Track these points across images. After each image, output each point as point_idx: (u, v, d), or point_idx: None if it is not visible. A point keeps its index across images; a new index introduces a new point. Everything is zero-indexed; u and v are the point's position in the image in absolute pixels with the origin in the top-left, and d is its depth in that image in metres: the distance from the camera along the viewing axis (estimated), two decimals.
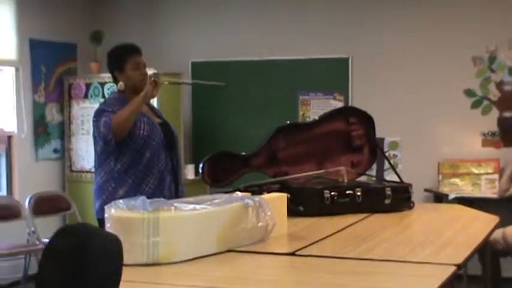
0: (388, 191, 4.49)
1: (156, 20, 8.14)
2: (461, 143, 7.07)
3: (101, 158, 4.26)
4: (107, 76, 7.35)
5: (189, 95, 7.86)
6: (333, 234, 3.73)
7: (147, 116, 4.28)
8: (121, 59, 4.28)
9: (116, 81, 4.35)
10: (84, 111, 7.56)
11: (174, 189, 4.36)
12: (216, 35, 7.88)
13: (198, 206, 3.11)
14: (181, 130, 7.29)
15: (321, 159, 4.87)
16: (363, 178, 5.09)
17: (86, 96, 7.63)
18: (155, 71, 4.36)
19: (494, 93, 6.97)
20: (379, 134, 5.11)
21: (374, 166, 5.85)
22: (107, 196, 4.17)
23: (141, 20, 8.18)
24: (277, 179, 4.62)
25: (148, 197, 3.16)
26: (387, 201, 4.47)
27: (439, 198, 6.81)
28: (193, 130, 7.96)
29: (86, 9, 8.16)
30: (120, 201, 3.06)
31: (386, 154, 6.94)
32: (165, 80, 4.49)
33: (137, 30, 7.95)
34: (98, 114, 4.23)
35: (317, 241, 3.52)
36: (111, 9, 8.27)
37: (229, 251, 3.20)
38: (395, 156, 7.17)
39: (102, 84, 7.53)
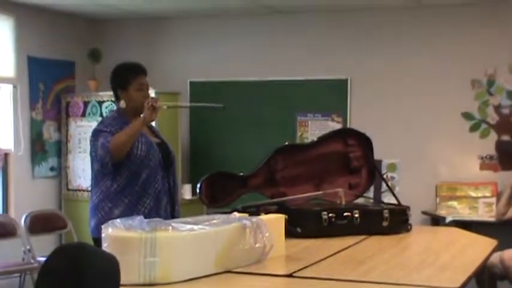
0: (386, 213, 4.47)
1: (155, 39, 8.16)
2: (459, 166, 7.07)
3: (98, 177, 4.24)
4: (105, 94, 7.38)
5: (187, 115, 7.86)
6: (331, 256, 3.71)
7: (145, 136, 4.26)
8: (126, 78, 4.27)
9: (117, 98, 4.34)
10: (82, 129, 7.55)
11: (170, 210, 4.34)
12: (215, 55, 7.89)
13: (195, 227, 3.09)
14: (178, 150, 7.28)
15: (319, 180, 4.86)
16: (360, 200, 5.07)
17: (83, 114, 7.63)
18: (153, 96, 4.35)
19: (492, 117, 6.98)
20: (377, 156, 5.10)
21: (372, 188, 5.85)
22: (103, 215, 4.15)
23: (140, 39, 8.20)
24: (275, 200, 4.61)
25: (144, 218, 3.14)
26: (385, 224, 4.46)
27: (437, 221, 6.80)
28: (190, 150, 7.95)
29: (85, 28, 8.18)
30: (117, 220, 3.04)
31: (384, 176, 6.94)
32: (164, 104, 4.48)
33: (136, 49, 7.97)
34: (96, 134, 4.21)
35: (314, 263, 3.50)
36: (110, 28, 8.29)
37: (226, 272, 3.18)
38: (393, 178, 7.17)
39: (100, 103, 7.53)
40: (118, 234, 2.98)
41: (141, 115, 4.16)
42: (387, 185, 5.33)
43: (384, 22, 7.36)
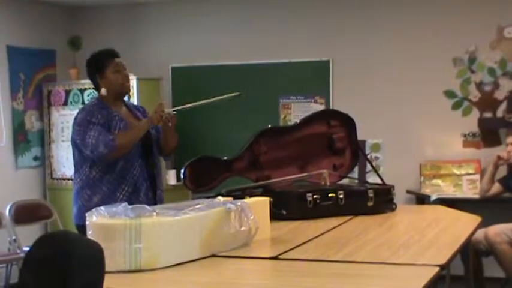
0: (371, 193, 4.49)
1: (136, 25, 8.11)
2: (442, 144, 7.09)
3: (78, 164, 4.27)
4: (86, 82, 7.31)
5: (169, 100, 7.82)
6: (316, 237, 3.72)
7: (124, 121, 4.25)
8: (101, 64, 4.27)
9: (96, 88, 4.33)
10: (64, 118, 7.51)
11: (152, 196, 4.33)
12: (196, 40, 7.86)
13: (180, 212, 3.10)
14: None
15: (303, 162, 4.87)
16: (345, 181, 5.08)
17: (65, 103, 7.58)
18: (172, 111, 4.38)
19: (474, 94, 6.99)
20: (360, 136, 5.11)
21: (356, 168, 5.86)
22: (83, 203, 4.20)
23: (121, 25, 8.15)
24: (260, 183, 4.61)
25: None
26: (370, 204, 4.48)
27: (421, 199, 6.82)
28: None
29: (64, 15, 8.11)
30: (101, 208, 3.04)
31: (368, 156, 6.96)
32: (173, 109, 4.49)
33: (116, 35, 7.91)
34: (83, 124, 4.18)
35: (300, 244, 3.51)
36: (90, 15, 8.23)
37: (212, 256, 3.19)
38: (377, 158, 7.19)
39: (82, 91, 7.49)
40: (102, 221, 2.98)
41: (149, 116, 4.21)
42: (371, 165, 5.34)
43: (364, 3, 7.34)
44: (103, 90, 4.25)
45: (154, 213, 3.03)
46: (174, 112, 4.39)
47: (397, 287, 2.83)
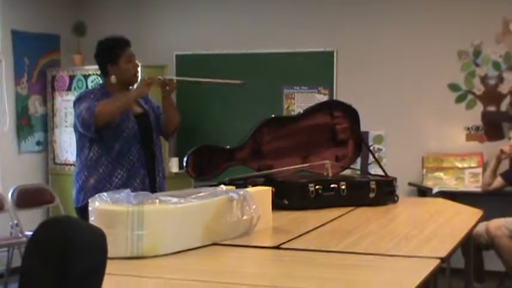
0: (373, 185, 4.49)
1: (140, 12, 8.10)
2: (445, 137, 7.09)
3: (78, 146, 4.33)
4: (90, 68, 7.34)
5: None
6: (318, 227, 3.73)
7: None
8: (115, 52, 4.29)
9: (104, 73, 4.34)
10: (68, 103, 7.51)
11: (150, 182, 4.33)
12: (201, 28, 7.85)
13: (182, 200, 3.10)
14: None
15: (305, 152, 4.87)
16: (347, 172, 5.09)
17: (69, 88, 7.59)
18: (166, 77, 4.44)
19: (478, 88, 6.99)
20: (363, 127, 5.11)
21: (358, 160, 5.86)
22: (80, 185, 4.25)
23: (125, 12, 8.14)
24: (262, 172, 4.62)
25: (117, 189, 3.16)
26: (372, 195, 4.48)
27: (423, 192, 6.83)
28: None
29: (69, 0, 8.10)
30: (104, 194, 3.04)
31: (371, 148, 6.96)
32: (175, 78, 4.53)
33: (121, 22, 7.90)
34: (79, 99, 4.26)
35: (301, 234, 3.51)
36: (95, 1, 8.22)
37: (213, 244, 3.19)
38: (379, 150, 7.19)
39: (86, 77, 7.49)
40: (105, 207, 2.98)
41: (135, 87, 4.20)
42: (374, 156, 5.34)
43: None
44: (113, 78, 4.28)
45: (157, 201, 3.03)
46: (174, 79, 4.55)
47: (398, 278, 2.83)
